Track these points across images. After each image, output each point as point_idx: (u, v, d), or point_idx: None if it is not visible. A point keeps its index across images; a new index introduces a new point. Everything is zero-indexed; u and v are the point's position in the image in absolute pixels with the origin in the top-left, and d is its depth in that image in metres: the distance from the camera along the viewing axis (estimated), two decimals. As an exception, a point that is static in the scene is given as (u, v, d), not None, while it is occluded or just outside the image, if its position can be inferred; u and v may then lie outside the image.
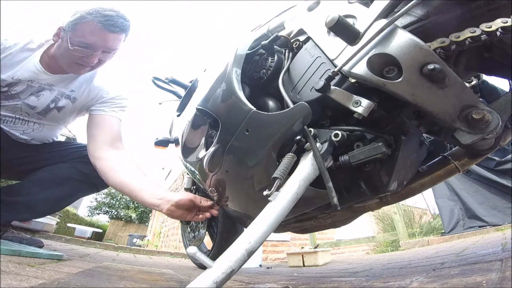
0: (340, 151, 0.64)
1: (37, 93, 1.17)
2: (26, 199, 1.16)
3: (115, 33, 1.07)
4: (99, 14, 1.03)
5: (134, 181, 1.05)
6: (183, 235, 1.74)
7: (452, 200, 2.88)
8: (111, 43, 1.09)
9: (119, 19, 1.06)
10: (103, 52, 1.09)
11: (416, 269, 1.02)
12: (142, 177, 1.07)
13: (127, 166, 1.11)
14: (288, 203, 0.55)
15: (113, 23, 1.05)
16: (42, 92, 1.18)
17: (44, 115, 1.24)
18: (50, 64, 1.15)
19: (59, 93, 1.21)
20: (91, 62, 1.09)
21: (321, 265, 2.28)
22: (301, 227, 1.03)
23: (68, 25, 1.05)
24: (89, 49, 1.05)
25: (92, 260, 1.40)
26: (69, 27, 1.04)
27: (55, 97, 1.21)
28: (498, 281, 0.53)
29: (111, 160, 1.12)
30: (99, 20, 1.03)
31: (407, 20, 0.60)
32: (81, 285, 0.62)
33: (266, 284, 1.00)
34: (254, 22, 1.07)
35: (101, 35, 1.05)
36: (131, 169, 1.10)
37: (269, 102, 0.79)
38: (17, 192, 1.17)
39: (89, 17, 1.03)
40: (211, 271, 0.50)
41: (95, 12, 1.03)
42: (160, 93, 1.59)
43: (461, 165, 0.74)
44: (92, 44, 1.05)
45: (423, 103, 0.51)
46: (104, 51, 1.10)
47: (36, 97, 1.18)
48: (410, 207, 4.79)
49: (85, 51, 1.05)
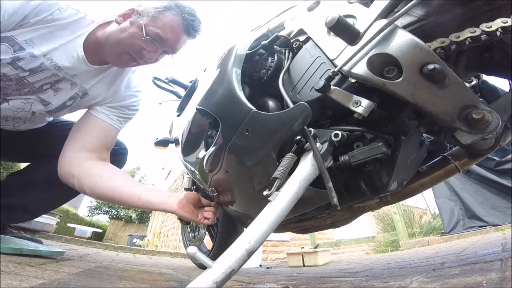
0: (340, 151, 0.64)
1: (55, 85, 0.96)
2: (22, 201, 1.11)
3: (189, 36, 0.98)
4: (187, 12, 0.93)
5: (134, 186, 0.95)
6: (183, 235, 1.74)
7: (452, 200, 2.88)
8: (179, 45, 0.98)
9: (200, 24, 0.98)
10: (164, 51, 0.98)
11: (416, 269, 1.02)
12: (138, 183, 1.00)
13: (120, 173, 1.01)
14: (288, 203, 0.55)
15: (195, 26, 0.96)
16: (62, 84, 0.96)
17: (52, 114, 1.05)
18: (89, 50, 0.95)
19: (80, 89, 1.01)
20: (150, 58, 0.95)
21: (321, 265, 2.29)
22: (301, 227, 1.03)
23: (148, 10, 0.91)
24: (158, 43, 0.92)
25: (92, 260, 1.40)
26: (149, 13, 0.91)
27: (75, 93, 1.01)
28: (498, 281, 0.53)
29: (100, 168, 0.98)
30: (185, 18, 0.93)
31: (407, 20, 0.60)
32: (81, 285, 0.62)
33: (266, 284, 1.00)
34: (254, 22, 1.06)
35: (179, 34, 0.94)
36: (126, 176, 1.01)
37: (269, 102, 0.79)
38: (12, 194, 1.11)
39: (177, 10, 0.92)
40: (211, 271, 0.50)
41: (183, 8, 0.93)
42: (160, 93, 1.59)
43: (461, 165, 0.74)
44: (165, 40, 0.93)
45: (423, 103, 0.51)
46: (165, 51, 0.98)
47: (54, 90, 0.96)
48: (410, 207, 4.79)
49: (154, 44, 0.92)
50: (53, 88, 0.96)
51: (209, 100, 0.88)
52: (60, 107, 1.02)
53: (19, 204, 1.12)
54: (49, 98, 0.97)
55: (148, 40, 0.91)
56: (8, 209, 1.08)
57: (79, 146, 1.00)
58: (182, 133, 1.13)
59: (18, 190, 1.12)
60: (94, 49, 0.95)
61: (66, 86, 0.98)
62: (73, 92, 1.01)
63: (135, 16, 0.92)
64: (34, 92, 0.94)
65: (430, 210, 5.39)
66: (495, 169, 2.53)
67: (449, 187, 2.92)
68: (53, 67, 0.91)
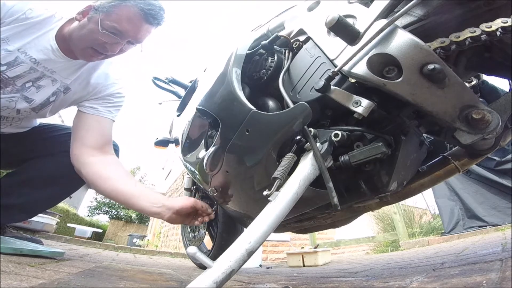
0: (340, 151, 0.64)
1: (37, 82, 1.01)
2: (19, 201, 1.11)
3: (151, 25, 0.98)
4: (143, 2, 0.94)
5: (129, 188, 0.98)
6: (183, 235, 1.74)
7: (452, 200, 2.88)
8: (142, 34, 0.99)
9: (160, 11, 0.98)
10: (128, 42, 0.99)
11: (416, 269, 1.02)
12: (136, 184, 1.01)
13: (118, 172, 1.03)
14: (288, 203, 0.55)
15: (155, 14, 0.96)
16: (43, 81, 1.02)
17: (37, 111, 1.07)
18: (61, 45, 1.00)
19: (61, 84, 1.06)
20: (113, 50, 0.98)
21: (321, 265, 2.29)
22: (301, 227, 1.03)
23: (103, 5, 0.93)
24: (117, 36, 0.94)
25: (92, 260, 1.40)
26: (104, 8, 0.93)
27: (57, 89, 1.05)
28: (498, 281, 0.53)
29: (100, 166, 1.02)
30: (142, 7, 0.94)
31: (407, 20, 0.60)
32: (81, 285, 0.62)
33: (266, 284, 1.00)
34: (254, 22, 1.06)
35: (137, 24, 0.95)
36: (124, 175, 1.02)
37: (269, 102, 0.79)
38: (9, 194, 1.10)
39: (131, 2, 0.93)
40: (211, 271, 0.50)
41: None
42: (160, 93, 1.59)
43: (461, 165, 0.74)
44: (123, 32, 0.94)
45: (423, 103, 0.51)
46: (130, 42, 0.99)
47: (36, 88, 1.01)
48: (410, 207, 4.79)
49: (113, 37, 0.94)
50: (35, 86, 1.01)
51: (209, 100, 0.88)
52: (44, 103, 1.06)
53: (15, 204, 1.11)
54: (32, 95, 1.02)
55: (106, 34, 0.93)
56: (4, 209, 1.08)
57: (81, 144, 1.05)
58: (182, 133, 1.13)
59: (14, 189, 1.12)
60: (65, 44, 1.00)
61: (47, 82, 1.03)
62: (54, 88, 1.05)
63: (92, 12, 0.95)
64: (17, 91, 0.99)
65: (430, 210, 5.39)
66: (495, 169, 2.52)
67: (449, 187, 2.92)
68: (28, 60, 0.96)
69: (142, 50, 1.06)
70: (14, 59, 0.94)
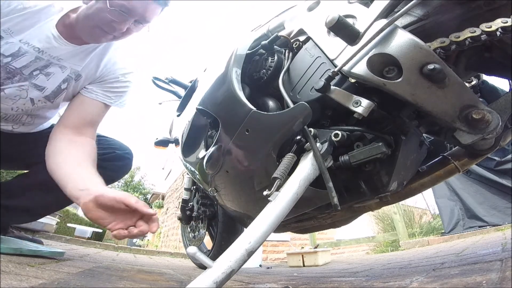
0: (340, 151, 0.64)
1: (45, 70, 1.00)
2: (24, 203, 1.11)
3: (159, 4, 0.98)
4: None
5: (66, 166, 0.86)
6: (183, 235, 1.74)
7: (452, 200, 2.88)
8: (150, 13, 0.98)
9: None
10: (136, 21, 0.97)
11: (416, 269, 1.02)
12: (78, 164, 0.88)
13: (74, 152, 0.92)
14: (288, 203, 0.55)
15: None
16: (51, 68, 1.01)
17: (52, 100, 1.06)
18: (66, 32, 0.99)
19: (72, 71, 1.04)
20: (121, 29, 0.96)
21: (321, 265, 2.29)
22: (301, 227, 1.03)
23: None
24: (125, 13, 0.93)
25: (92, 260, 1.40)
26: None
27: (67, 76, 1.04)
28: (498, 281, 0.53)
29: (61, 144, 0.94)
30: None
31: (407, 20, 0.60)
32: (81, 285, 0.63)
33: (266, 284, 1.00)
34: (254, 22, 1.06)
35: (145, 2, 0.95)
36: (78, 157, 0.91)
37: (269, 102, 0.79)
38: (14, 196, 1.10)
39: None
40: (211, 271, 0.50)
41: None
42: (160, 93, 1.59)
43: (461, 165, 0.74)
44: (131, 10, 0.93)
45: (423, 103, 0.51)
46: (137, 21, 0.98)
47: (44, 75, 1.00)
48: (410, 207, 4.79)
49: (122, 15, 0.93)
50: (43, 73, 1.00)
51: (209, 100, 0.88)
52: (56, 91, 1.05)
53: (19, 206, 1.11)
54: (43, 82, 1.01)
55: (114, 11, 0.92)
56: (8, 210, 1.08)
57: (59, 123, 1.03)
58: (182, 133, 1.13)
59: (19, 191, 1.12)
60: (71, 32, 0.99)
61: (56, 70, 1.02)
62: (65, 75, 1.04)
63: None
64: (25, 79, 0.98)
65: (430, 210, 5.39)
66: (495, 169, 2.52)
67: (449, 187, 2.92)
68: (32, 49, 0.96)
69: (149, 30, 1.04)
70: (17, 49, 0.94)
